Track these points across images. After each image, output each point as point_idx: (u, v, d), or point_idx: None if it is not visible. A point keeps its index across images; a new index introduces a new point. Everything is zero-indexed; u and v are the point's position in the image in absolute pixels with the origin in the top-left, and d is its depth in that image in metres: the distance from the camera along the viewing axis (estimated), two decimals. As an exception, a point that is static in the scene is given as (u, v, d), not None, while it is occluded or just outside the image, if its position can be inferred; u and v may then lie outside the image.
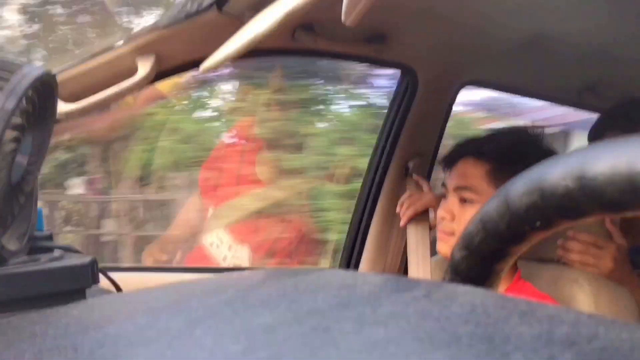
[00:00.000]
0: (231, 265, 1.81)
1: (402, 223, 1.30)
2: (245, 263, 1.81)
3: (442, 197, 1.06)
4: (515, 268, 0.95)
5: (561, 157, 0.27)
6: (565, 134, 3.95)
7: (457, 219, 0.98)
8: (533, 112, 3.39)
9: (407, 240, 1.31)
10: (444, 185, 1.04)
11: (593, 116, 1.37)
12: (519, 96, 1.63)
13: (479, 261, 0.31)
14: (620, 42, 1.17)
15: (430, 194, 1.29)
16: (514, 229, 0.28)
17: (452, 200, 1.00)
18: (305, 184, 2.15)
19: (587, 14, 1.05)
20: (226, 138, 2.13)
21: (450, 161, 1.03)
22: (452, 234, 0.99)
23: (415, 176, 1.36)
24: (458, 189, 0.98)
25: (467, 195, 0.97)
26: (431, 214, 1.31)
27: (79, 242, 3.45)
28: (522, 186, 0.27)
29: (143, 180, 3.03)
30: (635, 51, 1.20)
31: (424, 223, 1.30)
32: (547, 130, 1.23)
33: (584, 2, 1.01)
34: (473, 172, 0.97)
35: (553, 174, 0.26)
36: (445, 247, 1.00)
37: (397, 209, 1.32)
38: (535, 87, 1.51)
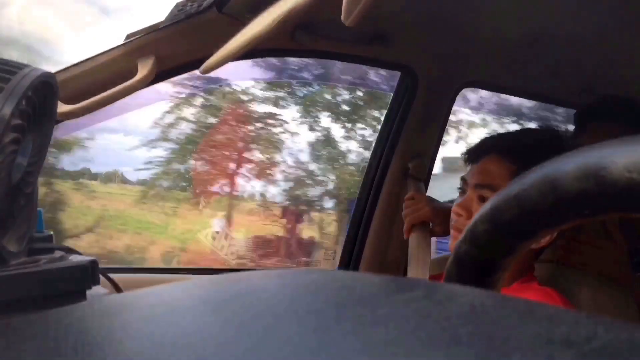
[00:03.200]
0: (231, 266, 1.81)
1: (405, 236, 1.26)
2: (242, 254, 1.81)
3: (446, 202, 1.05)
4: (532, 267, 0.95)
5: (624, 141, 0.24)
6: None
7: (474, 217, 0.96)
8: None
9: (409, 242, 1.31)
10: (463, 179, 0.99)
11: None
12: (518, 97, 1.63)
13: (501, 238, 0.30)
14: (620, 43, 1.17)
15: (425, 207, 1.22)
16: (556, 212, 0.26)
17: (470, 197, 0.95)
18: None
19: (586, 15, 1.06)
20: (218, 133, 2.12)
21: (474, 156, 0.98)
22: None
23: (412, 192, 1.32)
24: (479, 186, 0.94)
25: (487, 194, 0.92)
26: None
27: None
28: (574, 170, 0.25)
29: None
30: (634, 52, 1.21)
31: (424, 225, 1.30)
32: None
33: (583, 3, 1.01)
34: (497, 171, 0.93)
35: (616, 162, 0.23)
36: None
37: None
38: (535, 88, 1.51)
